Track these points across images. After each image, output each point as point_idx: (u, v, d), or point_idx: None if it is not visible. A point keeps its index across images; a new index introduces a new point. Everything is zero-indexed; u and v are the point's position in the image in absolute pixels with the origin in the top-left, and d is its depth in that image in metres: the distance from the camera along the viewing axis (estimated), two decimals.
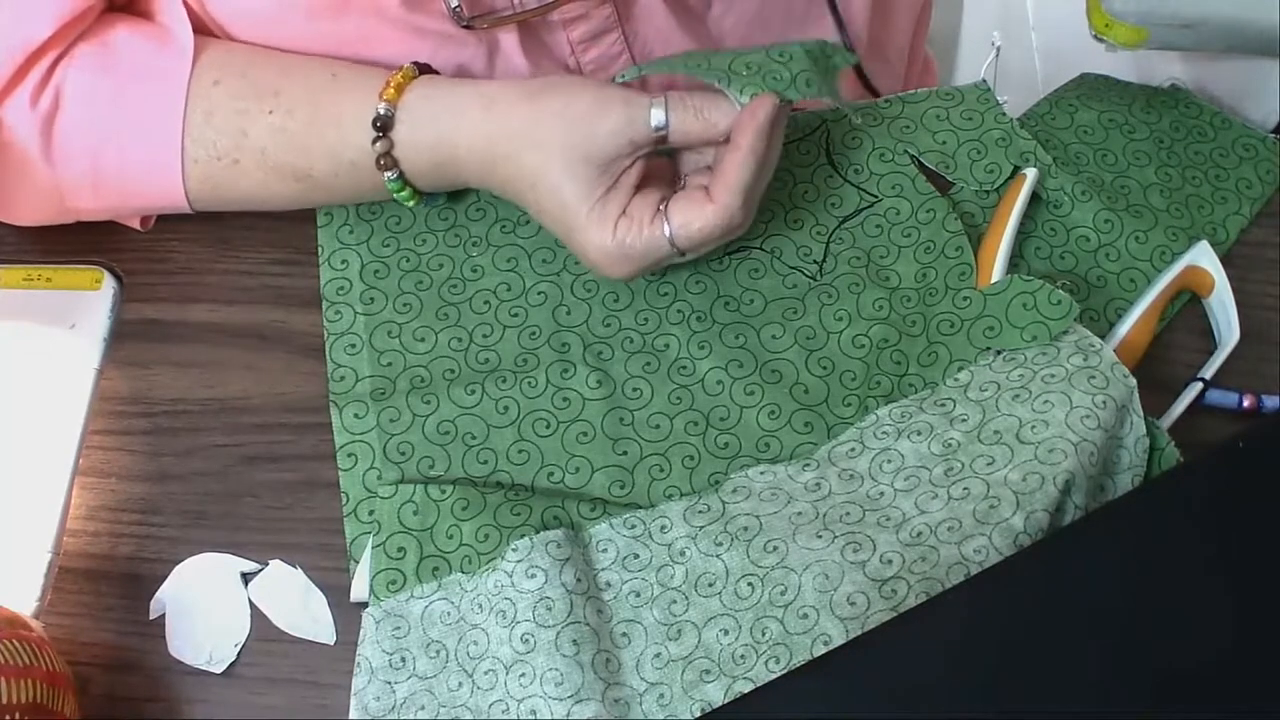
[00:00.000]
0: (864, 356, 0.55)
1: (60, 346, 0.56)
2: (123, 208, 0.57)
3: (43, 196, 0.55)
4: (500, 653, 0.47)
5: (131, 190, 0.55)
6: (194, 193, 0.55)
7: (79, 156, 0.53)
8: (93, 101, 0.53)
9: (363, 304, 0.56)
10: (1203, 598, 0.39)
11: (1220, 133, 0.63)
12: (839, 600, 0.45)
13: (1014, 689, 0.37)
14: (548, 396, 0.54)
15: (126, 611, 0.50)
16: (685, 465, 0.52)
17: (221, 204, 0.56)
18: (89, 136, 0.53)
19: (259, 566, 0.51)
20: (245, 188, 0.55)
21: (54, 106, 0.53)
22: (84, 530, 0.52)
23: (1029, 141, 0.60)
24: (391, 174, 0.53)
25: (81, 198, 0.55)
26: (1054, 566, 0.40)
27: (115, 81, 0.53)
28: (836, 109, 0.62)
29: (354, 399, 0.54)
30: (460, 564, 0.49)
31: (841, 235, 0.58)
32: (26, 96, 0.52)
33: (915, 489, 0.49)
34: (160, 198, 0.55)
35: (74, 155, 0.53)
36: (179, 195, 0.55)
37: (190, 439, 0.54)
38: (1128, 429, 0.50)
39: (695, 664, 0.47)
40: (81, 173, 0.54)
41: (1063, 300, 0.52)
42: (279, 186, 0.55)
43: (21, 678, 0.43)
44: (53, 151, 0.53)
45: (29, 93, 0.52)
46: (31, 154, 0.53)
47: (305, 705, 0.48)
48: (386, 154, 0.53)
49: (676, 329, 0.55)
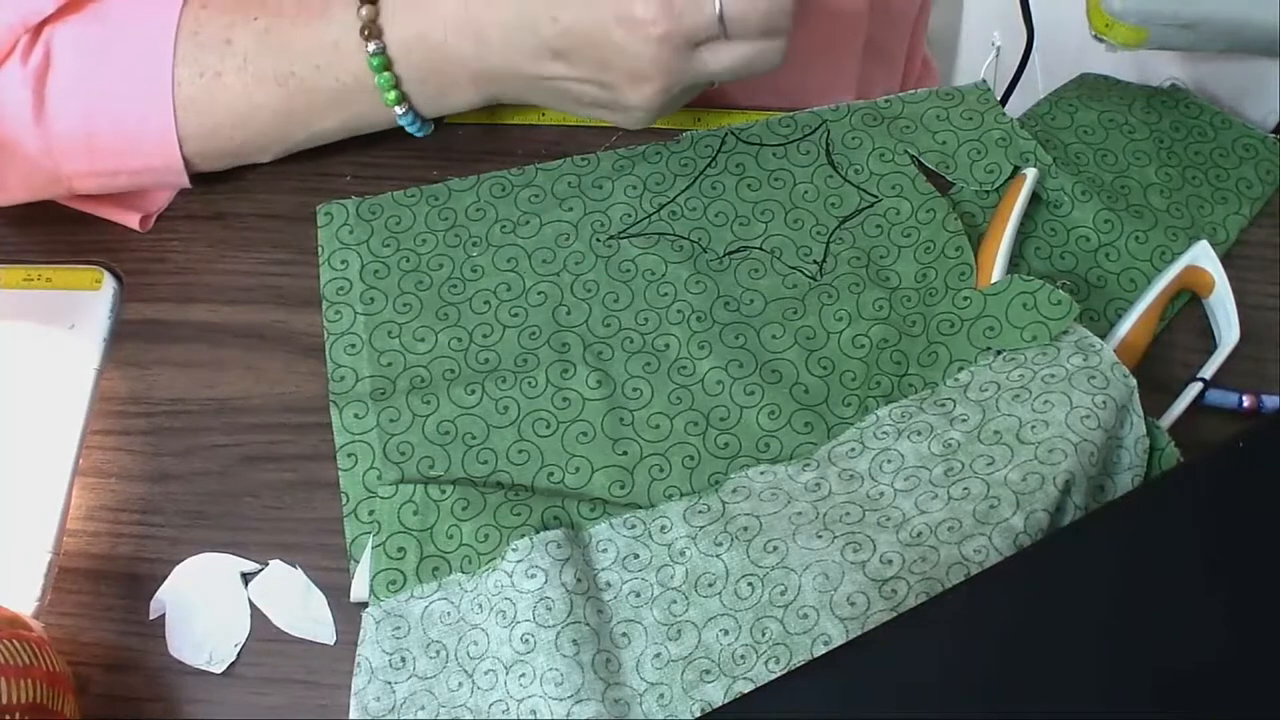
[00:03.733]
0: (864, 356, 0.55)
1: (60, 346, 0.56)
2: (118, 167, 0.55)
3: (33, 165, 0.54)
4: (500, 653, 0.47)
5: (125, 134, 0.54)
6: (183, 124, 0.53)
7: (71, 110, 0.52)
8: (83, 51, 0.52)
9: (363, 304, 0.56)
10: (1203, 598, 0.39)
11: (1220, 133, 0.63)
12: (839, 600, 0.45)
13: (1014, 689, 0.37)
14: (548, 396, 0.54)
15: (126, 611, 0.50)
16: (685, 465, 0.52)
17: (208, 132, 0.55)
18: (81, 85, 0.52)
19: (259, 566, 0.51)
20: (226, 102, 0.54)
21: (45, 62, 0.52)
22: (84, 530, 0.52)
23: (1029, 141, 0.60)
24: (375, 45, 0.51)
25: (75, 159, 0.54)
26: (1054, 566, 0.40)
27: (104, 28, 0.52)
28: (837, 108, 0.62)
29: (354, 399, 0.54)
30: (460, 564, 0.49)
31: (841, 235, 0.59)
32: (18, 56, 0.52)
33: (915, 489, 0.49)
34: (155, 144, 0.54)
35: (66, 110, 0.52)
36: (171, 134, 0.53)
37: (190, 439, 0.54)
38: (1128, 429, 0.50)
39: (695, 664, 0.47)
40: (74, 128, 0.53)
41: (1063, 300, 0.52)
42: (261, 95, 0.54)
43: (21, 678, 0.43)
44: (45, 108, 0.52)
45: (20, 53, 0.52)
46: (23, 118, 0.52)
47: (305, 705, 0.48)
48: (372, 21, 0.51)
49: (676, 329, 0.56)
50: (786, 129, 0.62)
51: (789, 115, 0.62)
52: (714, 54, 0.51)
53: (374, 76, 0.52)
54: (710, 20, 0.49)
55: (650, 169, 0.60)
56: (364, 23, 0.51)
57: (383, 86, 0.53)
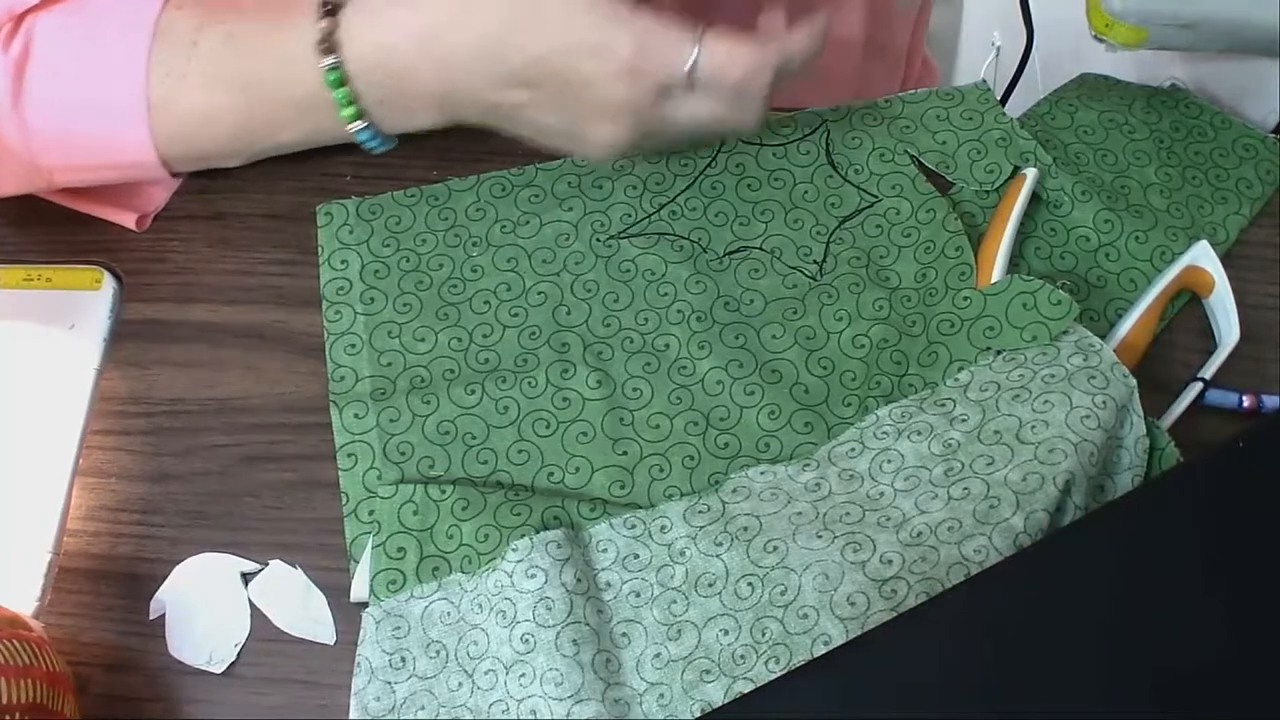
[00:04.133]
0: (864, 356, 0.55)
1: (60, 346, 0.56)
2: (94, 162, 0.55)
3: (14, 156, 0.54)
4: (500, 653, 0.47)
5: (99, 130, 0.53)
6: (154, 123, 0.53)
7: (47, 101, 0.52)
8: (62, 43, 0.52)
9: (363, 304, 0.56)
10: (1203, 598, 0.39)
11: (1220, 133, 0.63)
12: (839, 600, 0.45)
13: (1014, 689, 0.37)
14: (547, 396, 0.54)
15: (126, 611, 0.50)
16: (685, 465, 0.52)
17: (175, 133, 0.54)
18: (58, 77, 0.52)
19: (259, 566, 0.51)
20: (190, 104, 0.53)
21: (25, 51, 0.52)
22: (84, 530, 0.52)
23: (1029, 141, 0.60)
24: (331, 59, 0.50)
25: (51, 151, 0.53)
26: (1054, 566, 0.40)
27: (85, 20, 0.52)
28: (837, 108, 0.62)
29: (354, 399, 0.54)
30: (460, 564, 0.49)
31: (841, 235, 0.59)
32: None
33: (915, 489, 0.49)
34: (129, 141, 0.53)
35: (43, 100, 0.52)
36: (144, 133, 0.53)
37: (190, 439, 0.54)
38: (1128, 429, 0.50)
39: (695, 664, 0.47)
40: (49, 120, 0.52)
41: (1062, 300, 0.52)
42: (222, 101, 0.53)
43: (21, 678, 0.43)
44: (22, 96, 0.52)
45: (2, 40, 0.51)
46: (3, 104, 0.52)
47: (305, 705, 0.48)
48: (330, 35, 0.50)
49: (676, 329, 0.56)
50: (786, 129, 0.62)
51: (789, 115, 0.62)
52: (684, 104, 0.50)
53: (330, 92, 0.51)
54: (682, 67, 0.48)
55: (650, 169, 0.60)
56: (321, 35, 0.50)
57: (339, 102, 0.52)
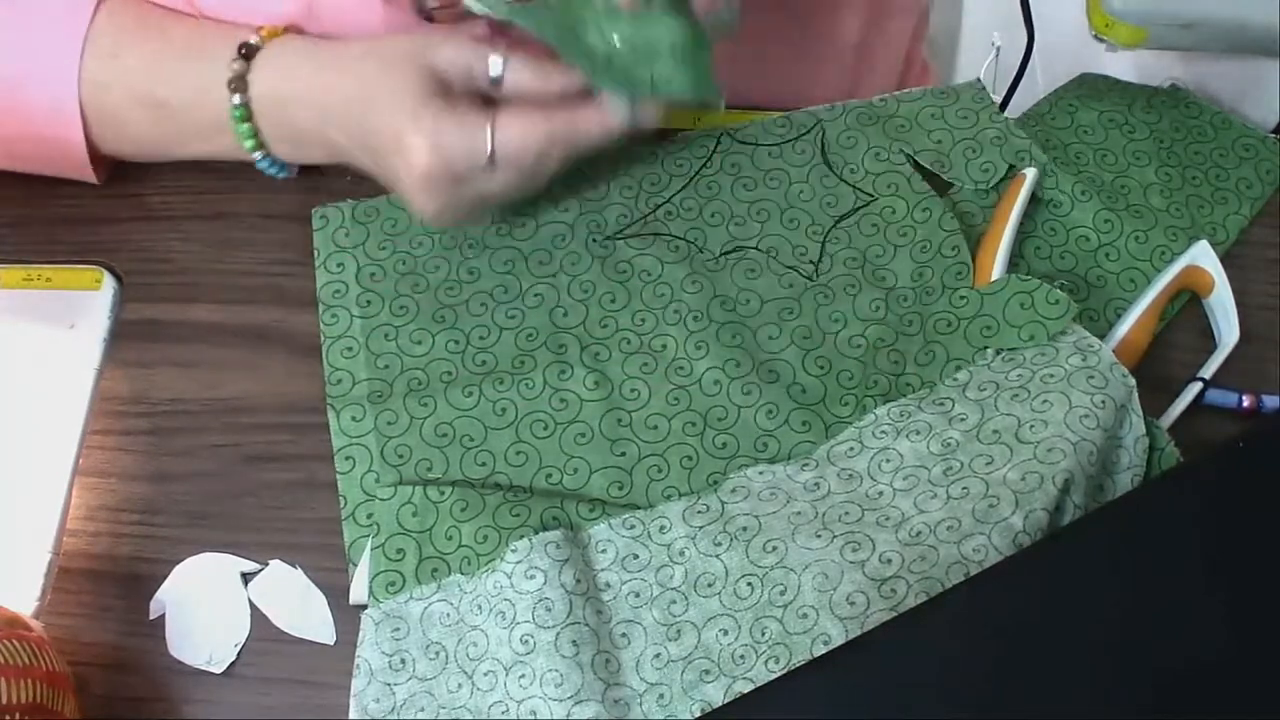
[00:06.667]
0: (861, 356, 0.55)
1: (60, 346, 0.56)
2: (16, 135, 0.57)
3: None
4: (500, 654, 0.47)
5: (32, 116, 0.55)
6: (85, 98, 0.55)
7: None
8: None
9: (359, 307, 0.56)
10: (1203, 598, 0.39)
11: (1220, 133, 0.63)
12: (838, 600, 0.45)
13: (1014, 689, 0.37)
14: (545, 398, 0.54)
15: (126, 611, 0.50)
16: (684, 465, 0.52)
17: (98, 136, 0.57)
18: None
19: (259, 566, 0.51)
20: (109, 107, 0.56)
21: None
22: (84, 530, 0.52)
23: (1024, 140, 0.60)
24: (239, 98, 0.54)
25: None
26: (1054, 566, 0.40)
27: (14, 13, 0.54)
28: (832, 107, 0.62)
29: (351, 402, 0.54)
30: (459, 565, 0.49)
31: (837, 235, 0.58)
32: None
33: (914, 488, 0.49)
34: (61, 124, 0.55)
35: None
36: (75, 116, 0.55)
37: (190, 439, 0.54)
38: (1127, 429, 0.50)
39: (695, 664, 0.47)
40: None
41: (1060, 300, 0.52)
42: (136, 112, 0.56)
43: (21, 678, 0.43)
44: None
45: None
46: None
47: (305, 705, 0.48)
48: (241, 77, 0.54)
49: (673, 329, 0.55)
50: (782, 129, 0.62)
51: (784, 115, 0.62)
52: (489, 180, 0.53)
53: (235, 125, 0.55)
54: (481, 160, 0.52)
55: (646, 169, 0.60)
56: (233, 76, 0.54)
57: (242, 135, 0.55)
